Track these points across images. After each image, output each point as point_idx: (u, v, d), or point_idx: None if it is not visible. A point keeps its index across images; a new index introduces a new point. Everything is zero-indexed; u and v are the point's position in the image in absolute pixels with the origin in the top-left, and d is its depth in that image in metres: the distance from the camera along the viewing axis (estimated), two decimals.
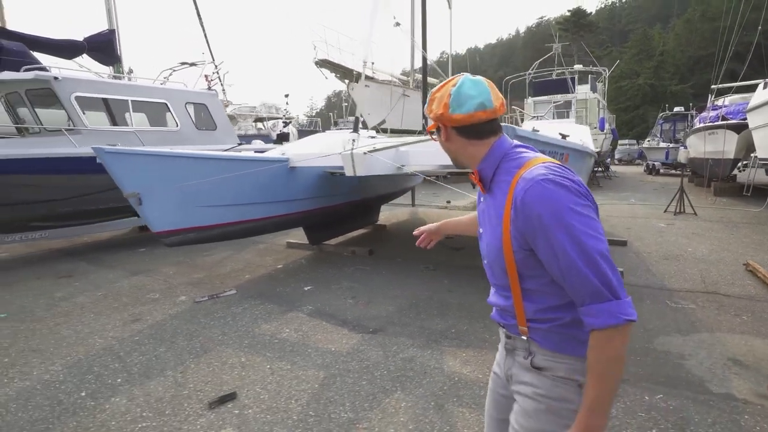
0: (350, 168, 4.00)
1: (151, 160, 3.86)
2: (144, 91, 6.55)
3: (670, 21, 44.20)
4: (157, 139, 6.44)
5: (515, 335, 1.18)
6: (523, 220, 1.02)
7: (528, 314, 1.12)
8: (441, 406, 2.57)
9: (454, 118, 1.13)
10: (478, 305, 4.12)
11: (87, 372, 3.02)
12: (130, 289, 4.81)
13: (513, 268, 1.10)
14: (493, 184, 1.15)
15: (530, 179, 1.02)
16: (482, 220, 1.22)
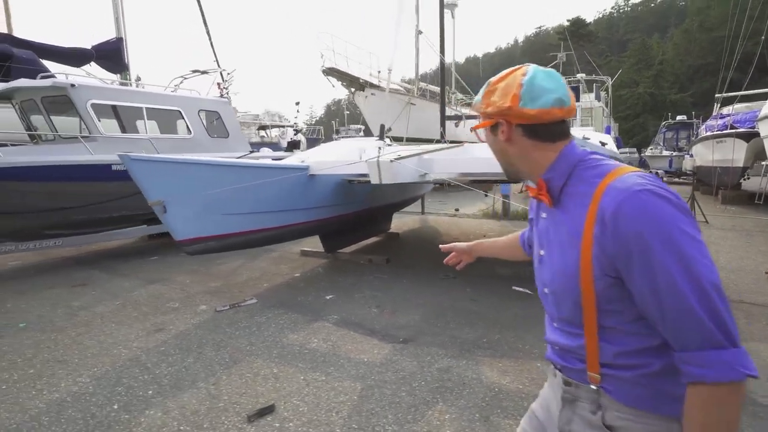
0: (376, 175, 3.97)
1: (177, 168, 3.81)
2: (158, 99, 6.53)
3: (668, 31, 44.77)
4: (170, 146, 6.40)
5: (580, 383, 0.97)
6: (613, 238, 0.82)
7: (604, 358, 0.91)
8: (486, 418, 2.51)
9: (526, 113, 0.93)
10: (504, 315, 4.06)
11: (116, 384, 2.95)
12: (148, 298, 4.73)
13: (591, 299, 0.89)
14: (565, 197, 0.95)
15: (625, 189, 0.82)
16: (543, 240, 1.03)
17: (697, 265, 0.77)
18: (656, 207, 0.79)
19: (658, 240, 0.78)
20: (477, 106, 1.03)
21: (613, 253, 0.83)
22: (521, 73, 0.96)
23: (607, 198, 0.84)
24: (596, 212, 0.86)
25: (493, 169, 4.63)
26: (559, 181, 0.96)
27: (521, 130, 0.97)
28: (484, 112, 1.01)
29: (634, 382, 0.89)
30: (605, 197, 0.85)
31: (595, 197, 0.87)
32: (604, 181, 0.87)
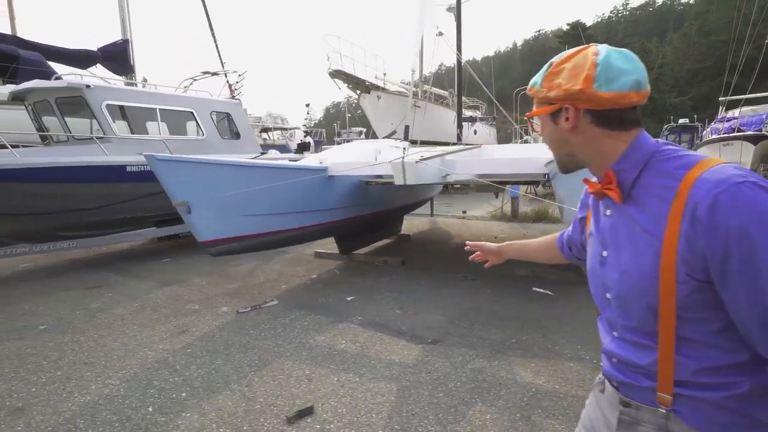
0: (400, 176, 3.95)
1: (203, 168, 3.79)
2: (171, 100, 6.50)
3: (667, 35, 45.10)
4: (183, 147, 6.37)
5: (644, 404, 0.85)
6: (709, 234, 0.72)
7: (681, 375, 0.80)
8: (528, 418, 2.48)
9: (600, 97, 0.82)
10: (528, 316, 4.04)
11: (147, 386, 2.91)
12: (167, 300, 4.69)
13: (670, 305, 0.78)
14: (638, 191, 0.85)
15: (722, 180, 0.72)
16: (607, 239, 0.91)
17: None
18: (762, 200, 0.70)
19: (765, 236, 0.68)
20: (535, 89, 0.91)
21: (706, 252, 0.73)
22: (593, 52, 0.85)
23: (700, 190, 0.74)
24: (684, 207, 0.75)
25: (512, 170, 4.64)
26: (632, 174, 0.85)
27: (590, 117, 0.86)
28: (545, 96, 0.88)
29: (716, 405, 0.78)
30: (697, 190, 0.75)
31: (682, 191, 0.77)
32: (692, 173, 0.77)
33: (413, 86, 17.10)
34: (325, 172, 5.01)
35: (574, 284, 4.90)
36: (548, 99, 0.89)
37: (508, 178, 4.69)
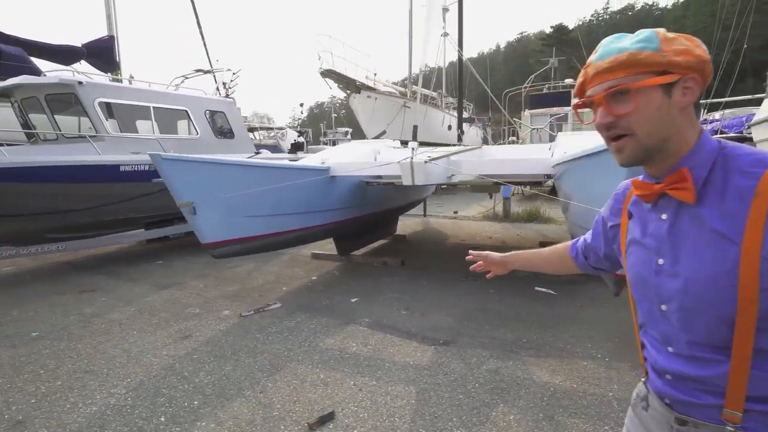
0: (409, 176, 3.91)
1: (209, 168, 3.68)
2: (165, 98, 6.33)
3: None
4: (177, 146, 6.21)
5: (706, 421, 0.78)
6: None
7: (754, 390, 0.74)
8: (551, 418, 2.47)
9: (710, 71, 0.78)
10: (534, 315, 4.05)
11: (156, 394, 2.80)
12: (165, 304, 4.55)
13: (751, 316, 0.72)
14: (709, 190, 0.77)
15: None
16: (664, 245, 0.83)
17: None
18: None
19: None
20: (649, 54, 0.76)
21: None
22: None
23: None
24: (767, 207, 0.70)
25: (515, 171, 4.65)
26: (704, 171, 0.77)
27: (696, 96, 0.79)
28: (669, 60, 0.75)
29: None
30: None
31: (764, 190, 0.71)
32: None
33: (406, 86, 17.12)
34: (328, 172, 4.94)
35: (576, 283, 4.94)
36: (671, 65, 0.75)
37: (511, 178, 4.70)
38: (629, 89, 0.77)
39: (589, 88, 0.84)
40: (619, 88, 0.78)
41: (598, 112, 0.82)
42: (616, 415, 2.47)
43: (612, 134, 0.81)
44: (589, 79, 0.83)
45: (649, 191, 0.84)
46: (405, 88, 16.84)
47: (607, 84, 0.79)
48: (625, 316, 3.95)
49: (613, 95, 0.79)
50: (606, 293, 4.61)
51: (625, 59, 0.76)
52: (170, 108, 6.33)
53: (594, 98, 0.82)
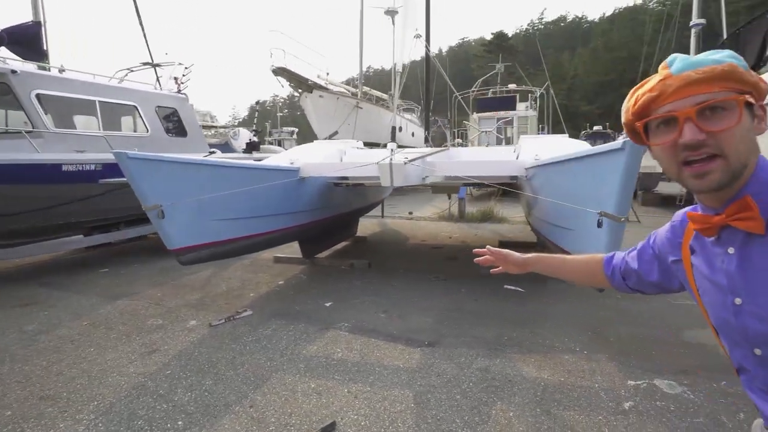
0: (387, 178, 3.87)
1: (178, 168, 3.41)
2: (112, 92, 5.78)
3: (576, 49, 49.74)
4: (125, 145, 5.71)
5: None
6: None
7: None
8: (548, 412, 2.54)
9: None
10: (509, 313, 4.16)
11: (132, 417, 2.54)
12: (121, 316, 4.17)
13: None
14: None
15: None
16: (737, 284, 0.77)
17: None
18: None
19: None
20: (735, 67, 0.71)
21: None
22: None
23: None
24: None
25: (487, 173, 4.76)
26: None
27: None
28: (756, 83, 0.72)
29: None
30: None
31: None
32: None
33: (355, 86, 17.03)
34: (298, 172, 4.78)
35: (540, 282, 5.14)
36: (756, 88, 0.72)
37: (480, 179, 4.81)
38: (732, 103, 0.70)
39: (669, 102, 0.73)
40: (718, 101, 0.70)
41: (684, 127, 0.72)
42: (605, 405, 2.59)
43: (701, 154, 0.72)
44: (672, 91, 0.73)
45: (709, 224, 0.78)
46: (355, 88, 16.79)
47: (703, 97, 0.71)
48: (590, 311, 4.18)
49: (705, 110, 0.71)
50: (568, 289, 4.86)
51: (726, 71, 0.70)
52: (118, 103, 5.80)
53: (677, 113, 0.72)
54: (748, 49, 7.32)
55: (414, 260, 6.40)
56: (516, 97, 17.29)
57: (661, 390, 2.73)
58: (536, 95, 18.79)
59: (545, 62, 25.73)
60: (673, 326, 3.79)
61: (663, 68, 0.77)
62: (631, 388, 2.78)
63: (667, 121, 0.74)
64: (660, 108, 0.75)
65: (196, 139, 6.80)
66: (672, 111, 0.73)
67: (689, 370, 2.95)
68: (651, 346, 3.37)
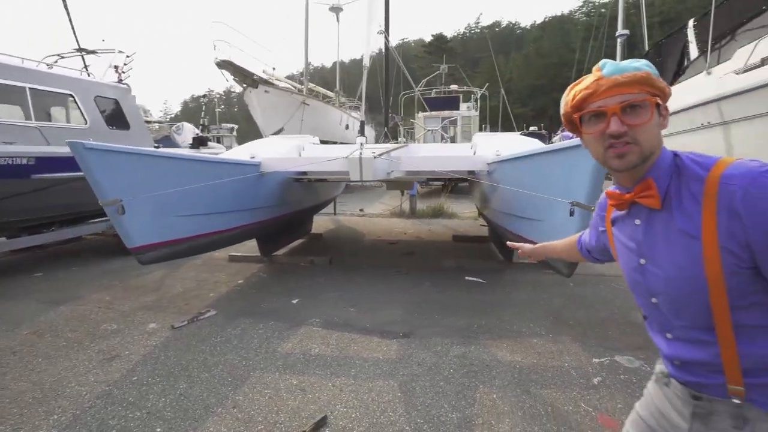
0: (357, 172, 3.86)
1: (140, 161, 3.17)
2: (46, 79, 5.19)
3: (510, 54, 52.33)
4: (61, 136, 5.18)
5: (717, 397, 0.86)
6: (749, 222, 0.77)
7: (747, 364, 0.81)
8: (528, 391, 2.69)
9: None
10: (473, 302, 4.32)
11: (102, 427, 2.35)
12: (69, 323, 3.81)
13: (722, 298, 0.81)
14: (670, 196, 0.89)
15: (745, 173, 0.79)
16: (643, 248, 0.94)
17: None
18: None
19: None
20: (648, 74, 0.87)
21: (749, 239, 0.78)
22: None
23: (727, 187, 0.80)
24: (716, 204, 0.80)
25: (451, 168, 4.90)
26: (666, 180, 0.89)
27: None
28: (660, 86, 0.88)
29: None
30: (724, 187, 0.80)
31: (709, 190, 0.82)
32: (714, 173, 0.83)
33: (301, 82, 16.69)
34: (258, 167, 4.64)
35: (498, 272, 5.41)
36: (662, 91, 0.88)
37: (442, 174, 4.95)
38: (646, 103, 0.86)
39: (598, 99, 0.88)
40: (637, 101, 0.86)
41: (611, 120, 0.87)
42: (577, 381, 2.79)
43: (622, 141, 0.87)
44: (603, 90, 0.87)
45: (621, 200, 0.95)
46: (300, 84, 16.48)
47: (626, 97, 0.86)
48: (547, 298, 4.46)
49: (627, 107, 0.86)
50: (524, 278, 5.15)
51: (644, 77, 0.86)
52: (51, 91, 5.24)
53: (606, 108, 0.87)
54: (669, 60, 8.15)
55: (373, 256, 6.44)
56: (460, 97, 17.90)
57: (623, 365, 2.99)
58: (477, 96, 19.55)
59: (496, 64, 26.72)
60: (621, 308, 4.14)
61: (596, 70, 0.91)
62: (597, 365, 3.01)
63: (598, 114, 0.89)
64: (593, 103, 0.90)
65: (139, 132, 6.31)
66: (602, 107, 0.88)
67: (643, 346, 3.25)
68: (606, 327, 3.66)
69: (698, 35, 7.50)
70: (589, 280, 4.98)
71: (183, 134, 12.58)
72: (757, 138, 5.78)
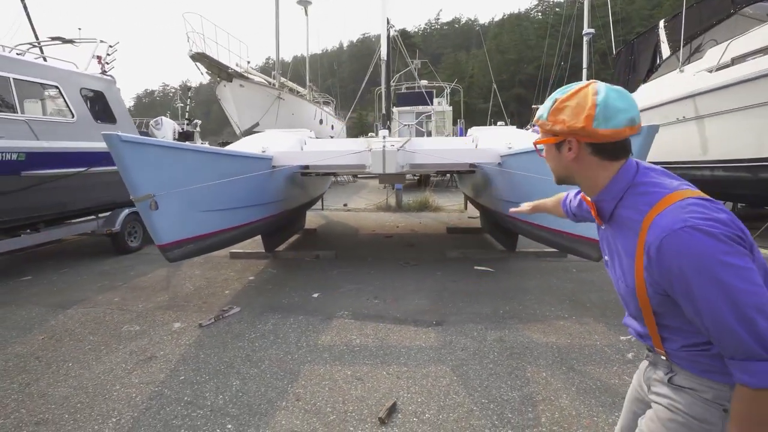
0: (380, 165, 3.88)
1: (173, 155, 3.05)
2: (31, 69, 4.81)
3: (471, 50, 53.31)
4: (50, 131, 4.86)
5: (655, 352, 1.09)
6: (659, 272, 0.89)
7: (668, 348, 1.02)
8: (572, 368, 2.85)
9: (600, 133, 0.95)
10: (492, 290, 4.47)
11: (168, 428, 2.29)
12: (85, 326, 3.63)
13: (648, 309, 0.99)
14: (616, 219, 1.02)
15: (666, 227, 0.87)
16: (605, 247, 1.13)
17: (738, 293, 0.82)
18: (696, 244, 0.83)
19: (697, 275, 0.84)
20: (541, 122, 1.03)
21: (660, 281, 0.91)
22: (593, 92, 0.96)
23: (652, 234, 0.90)
24: (644, 245, 0.92)
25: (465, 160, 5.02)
26: (611, 205, 1.02)
27: (590, 149, 1.00)
28: (551, 129, 1.01)
29: (696, 360, 0.98)
30: (650, 233, 0.90)
31: (643, 228, 0.92)
32: (651, 213, 0.92)
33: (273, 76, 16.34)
34: (270, 161, 4.57)
35: (503, 260, 5.61)
36: (554, 132, 1.02)
37: (453, 167, 5.06)
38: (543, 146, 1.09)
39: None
40: (534, 142, 1.11)
41: None
42: (614, 357, 2.98)
43: None
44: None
45: (589, 205, 1.13)
46: (273, 78, 16.15)
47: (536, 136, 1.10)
48: (559, 283, 4.68)
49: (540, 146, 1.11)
50: (528, 266, 5.37)
51: (537, 120, 1.06)
52: (37, 82, 4.87)
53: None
54: (642, 57, 8.66)
55: (375, 249, 6.48)
56: (433, 92, 18.11)
57: None
58: (448, 90, 19.86)
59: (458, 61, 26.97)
60: None
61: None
62: (625, 342, 3.22)
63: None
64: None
65: (126, 126, 5.97)
66: None
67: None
68: (620, 307, 3.89)
69: (669, 35, 7.99)
70: (591, 266, 5.23)
71: (162, 129, 12.02)
72: (730, 130, 6.28)
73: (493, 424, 2.29)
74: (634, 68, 9.09)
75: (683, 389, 1.01)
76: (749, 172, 6.04)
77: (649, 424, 1.08)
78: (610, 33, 15.80)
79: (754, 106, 5.69)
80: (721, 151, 6.46)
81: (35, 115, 4.83)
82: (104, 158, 4.22)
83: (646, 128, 2.66)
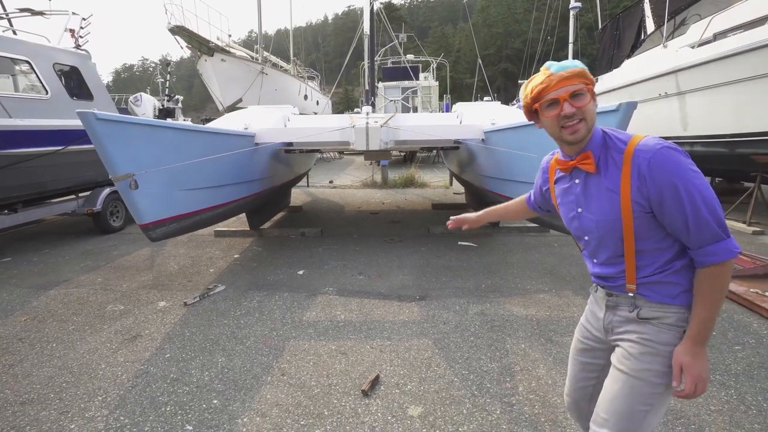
0: (363, 141, 3.86)
1: (153, 133, 2.98)
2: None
3: (458, 24, 52.39)
4: (23, 108, 4.70)
5: (620, 293, 1.25)
6: (651, 184, 1.10)
7: (641, 273, 1.20)
8: (551, 340, 2.95)
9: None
10: (475, 265, 4.56)
11: (154, 405, 2.33)
12: (68, 306, 3.61)
13: (630, 231, 1.17)
14: (601, 163, 1.21)
15: (651, 148, 1.11)
16: (580, 200, 1.28)
17: (704, 190, 1.09)
18: (674, 157, 1.10)
19: (681, 179, 1.08)
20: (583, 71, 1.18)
21: (649, 195, 1.11)
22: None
23: (639, 157, 1.12)
24: (630, 169, 1.13)
25: (448, 136, 5.01)
26: (598, 151, 1.21)
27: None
28: (590, 78, 1.20)
29: (662, 282, 1.18)
30: (637, 157, 1.12)
31: (626, 159, 1.15)
32: (629, 147, 1.15)
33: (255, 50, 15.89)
34: (253, 138, 4.51)
35: (487, 236, 5.69)
36: (591, 80, 1.19)
37: (438, 143, 5.05)
38: (586, 90, 1.18)
39: (552, 90, 1.18)
40: (580, 89, 1.17)
41: (564, 105, 1.17)
42: None
43: (573, 120, 1.18)
44: (554, 84, 1.17)
45: (566, 165, 1.28)
46: (256, 52, 15.71)
47: (572, 87, 1.16)
48: (540, 258, 4.78)
49: (573, 94, 1.17)
50: (512, 241, 5.46)
51: (581, 71, 1.18)
52: (6, 56, 4.66)
53: (559, 97, 1.17)
54: (627, 32, 8.62)
55: (360, 226, 6.50)
56: (419, 67, 17.88)
57: None
58: (434, 65, 19.60)
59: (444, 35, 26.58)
60: None
61: (545, 69, 1.20)
62: None
63: (552, 102, 1.19)
64: (548, 95, 1.18)
65: (103, 103, 5.79)
66: (555, 96, 1.18)
67: None
68: None
69: (654, 9, 7.96)
70: (571, 241, 5.36)
71: (143, 106, 11.67)
72: (709, 107, 6.36)
73: (472, 394, 2.37)
74: (619, 43, 9.06)
75: (648, 321, 1.20)
76: (726, 147, 6.16)
77: (624, 362, 1.22)
78: (596, 7, 15.63)
79: (732, 83, 5.76)
80: (701, 126, 6.55)
81: (7, 92, 4.65)
82: (83, 136, 4.14)
83: (624, 105, 2.69)
